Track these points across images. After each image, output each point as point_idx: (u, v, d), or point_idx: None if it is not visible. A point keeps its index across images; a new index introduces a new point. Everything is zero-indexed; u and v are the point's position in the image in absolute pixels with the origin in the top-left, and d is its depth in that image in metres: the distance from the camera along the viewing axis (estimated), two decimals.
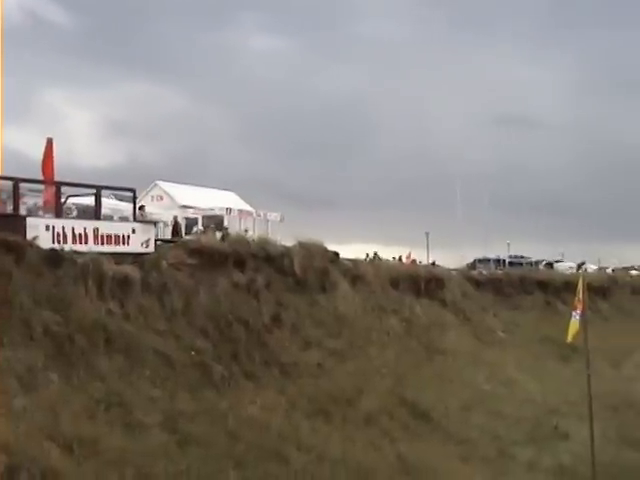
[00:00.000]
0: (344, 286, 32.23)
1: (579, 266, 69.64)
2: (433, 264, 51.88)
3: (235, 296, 26.01)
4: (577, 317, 17.78)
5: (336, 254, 33.80)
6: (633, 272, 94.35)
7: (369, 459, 20.42)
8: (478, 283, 47.30)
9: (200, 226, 43.67)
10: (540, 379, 35.61)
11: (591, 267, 76.71)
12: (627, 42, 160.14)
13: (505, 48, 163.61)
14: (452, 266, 51.55)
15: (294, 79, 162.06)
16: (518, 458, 25.24)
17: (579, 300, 17.54)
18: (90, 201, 25.02)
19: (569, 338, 18.09)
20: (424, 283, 39.63)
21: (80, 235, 22.31)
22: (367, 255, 48.95)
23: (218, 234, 37.60)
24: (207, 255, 26.43)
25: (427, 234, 62.31)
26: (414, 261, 54.48)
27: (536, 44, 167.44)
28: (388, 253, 58.14)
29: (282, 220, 47.66)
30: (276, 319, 26.81)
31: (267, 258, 28.88)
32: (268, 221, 47.18)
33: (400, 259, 54.90)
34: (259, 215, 47.62)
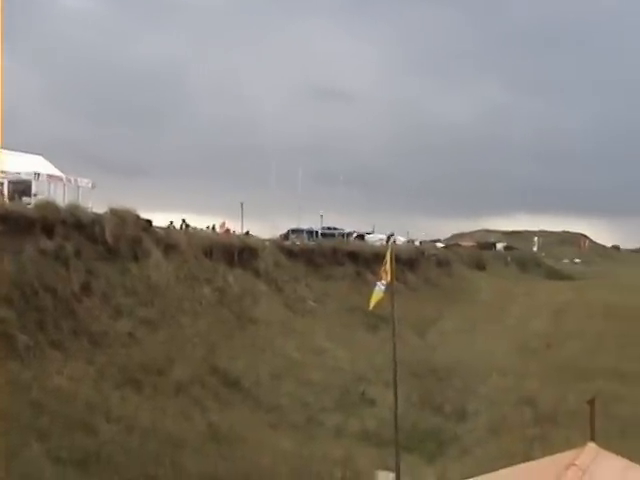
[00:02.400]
0: (157, 255, 31.75)
1: (388, 238, 71.69)
2: (247, 234, 51.95)
3: (42, 264, 24.99)
4: (381, 287, 18.28)
5: (149, 222, 33.23)
6: (439, 244, 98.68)
7: (179, 428, 20.31)
8: (291, 253, 47.85)
9: (5, 191, 41.53)
10: (349, 348, 36.60)
11: (400, 239, 79.19)
12: (446, 21, 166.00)
13: (325, 21, 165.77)
14: (266, 236, 51.83)
15: (109, 42, 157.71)
16: (326, 424, 25.87)
17: (385, 271, 18.03)
18: None
19: (371, 306, 18.59)
20: (237, 253, 39.69)
21: None
22: (183, 222, 48.28)
23: (26, 199, 35.98)
24: (13, 221, 25.22)
25: (241, 204, 62.15)
26: (228, 231, 54.29)
27: (357, 19, 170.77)
28: (202, 222, 57.72)
29: (94, 187, 46.14)
30: (86, 287, 26.03)
31: (77, 225, 27.94)
32: (79, 187, 45.51)
33: (214, 228, 54.60)
34: (69, 181, 45.84)
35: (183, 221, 47.92)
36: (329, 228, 72.23)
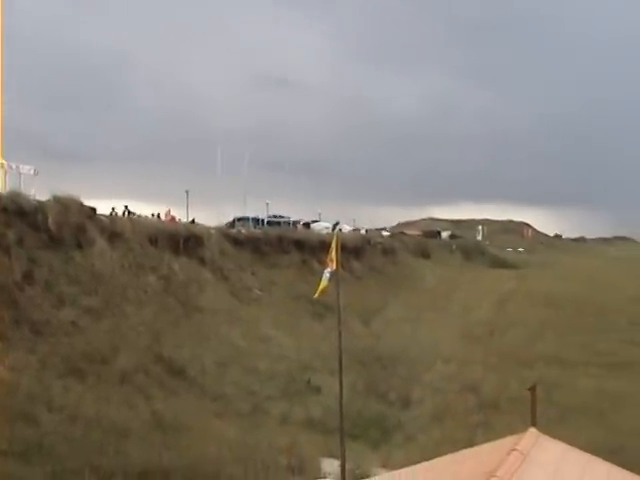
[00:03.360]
0: (101, 243, 31.40)
1: (334, 226, 71.87)
2: (192, 222, 51.61)
3: None
4: (327, 275, 18.33)
5: (93, 210, 32.83)
6: (385, 233, 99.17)
7: (124, 417, 20.15)
8: (237, 242, 47.71)
9: None
10: (295, 336, 36.69)
11: (346, 228, 79.38)
12: (391, 10, 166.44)
13: (270, 10, 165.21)
14: (212, 224, 51.57)
15: (50, 28, 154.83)
16: (272, 412, 25.91)
17: (331, 259, 18.08)
18: None
19: (317, 294, 18.65)
20: (183, 241, 39.45)
21: None
22: (126, 208, 47.63)
23: None
24: None
25: (187, 192, 61.62)
26: (173, 219, 53.89)
27: (302, 7, 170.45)
28: (147, 210, 57.21)
29: (36, 173, 45.40)
30: (28, 276, 25.63)
31: (19, 213, 27.47)
32: (21, 174, 44.77)
33: (159, 216, 54.16)
34: (11, 167, 45.06)
35: (125, 208, 47.21)
36: (275, 216, 72.10)
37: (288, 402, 26.96)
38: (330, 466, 19.32)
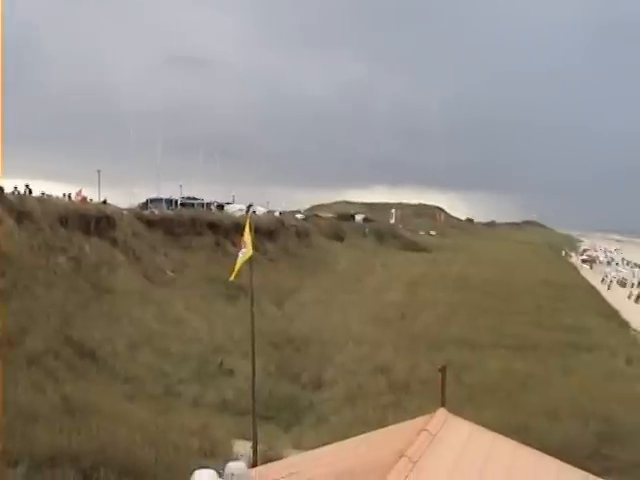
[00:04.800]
0: (9, 223, 30.62)
1: (248, 208, 71.66)
2: (104, 203, 50.76)
3: None
4: (241, 256, 18.28)
5: (0, 189, 32.01)
6: (299, 215, 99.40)
7: (31, 401, 19.73)
8: (149, 223, 47.21)
9: None
10: (207, 318, 36.51)
11: (260, 210, 79.30)
12: None
13: None
14: (124, 205, 50.89)
15: None
16: (184, 395, 25.75)
17: (245, 241, 18.03)
18: None
19: (232, 277, 18.58)
20: (94, 222, 38.80)
21: None
22: (27, 187, 46.24)
23: None
24: None
25: (98, 172, 60.51)
26: (84, 199, 52.89)
27: None
28: (58, 190, 56.05)
29: None
30: None
31: None
32: None
33: (70, 197, 53.08)
34: None
35: (27, 187, 45.73)
36: (189, 198, 71.56)
37: (200, 385, 26.82)
38: (242, 448, 19.31)
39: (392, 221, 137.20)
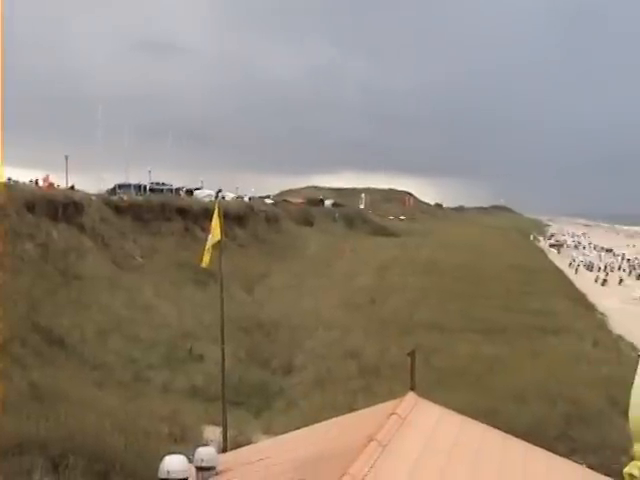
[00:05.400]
0: None
1: (217, 194, 71.43)
2: (72, 188, 50.35)
3: None
4: (211, 242, 18.22)
5: None
6: (268, 201, 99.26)
7: None
8: (118, 209, 46.87)
9: None
10: (177, 304, 36.39)
11: (229, 195, 79.10)
12: None
13: None
14: (92, 191, 50.47)
15: None
16: (153, 381, 25.68)
17: (214, 227, 17.96)
18: None
19: (204, 264, 18.51)
20: (62, 208, 38.43)
21: None
22: None
23: None
24: None
25: (66, 157, 59.99)
26: (52, 185, 52.46)
27: None
28: (24, 176, 55.47)
29: None
30: None
31: None
32: None
33: (37, 182, 52.59)
34: None
35: None
36: (157, 183, 71.22)
37: (170, 370, 26.76)
38: (212, 434, 19.32)
39: (361, 206, 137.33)
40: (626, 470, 7.68)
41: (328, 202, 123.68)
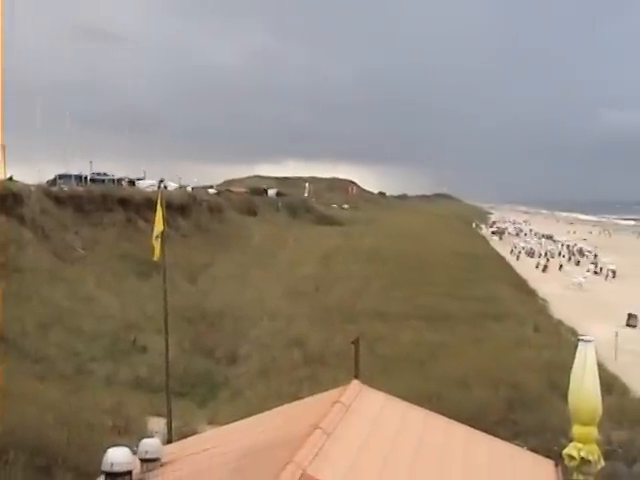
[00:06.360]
0: None
1: (159, 184, 70.83)
2: (10, 179, 49.40)
3: None
4: (158, 234, 18.07)
5: None
6: (211, 190, 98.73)
7: None
8: (59, 200, 46.24)
9: None
10: (120, 295, 36.06)
11: (172, 185, 78.50)
12: None
13: None
14: (31, 182, 49.60)
15: None
16: (97, 373, 25.45)
17: (158, 218, 17.82)
18: None
19: (155, 256, 18.37)
20: (0, 199, 37.77)
21: None
22: None
23: None
24: None
25: (3, 147, 58.76)
26: None
27: None
28: None
29: None
30: None
31: None
32: None
33: None
34: None
35: None
36: (99, 174, 70.36)
37: (113, 362, 26.54)
38: (157, 425, 19.22)
39: (305, 195, 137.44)
40: (565, 451, 7.86)
41: (272, 191, 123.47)
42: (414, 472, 6.81)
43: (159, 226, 17.88)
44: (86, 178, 65.54)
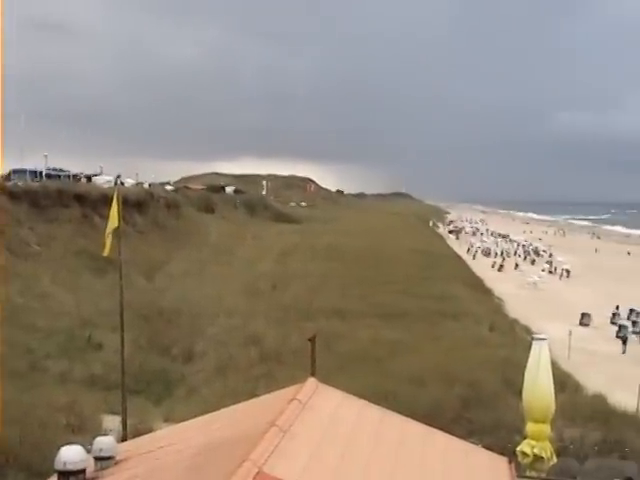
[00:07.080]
0: None
1: (116, 180, 70.21)
2: None
3: None
4: (110, 230, 17.95)
5: None
6: (168, 187, 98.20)
7: None
8: (13, 195, 45.66)
9: None
10: (75, 292, 35.70)
11: (129, 181, 77.97)
12: None
13: None
14: None
15: None
16: (51, 370, 25.15)
17: (112, 214, 17.68)
18: None
19: (105, 252, 18.22)
20: None
21: None
22: None
23: None
24: None
25: None
26: None
27: None
28: None
29: None
30: None
31: None
32: None
33: None
34: None
35: None
36: (55, 169, 69.61)
37: (68, 360, 26.26)
38: (112, 423, 19.06)
39: (263, 192, 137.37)
40: (519, 448, 7.95)
41: (229, 189, 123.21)
42: (370, 469, 6.83)
43: (114, 222, 17.73)
44: (41, 173, 64.78)
